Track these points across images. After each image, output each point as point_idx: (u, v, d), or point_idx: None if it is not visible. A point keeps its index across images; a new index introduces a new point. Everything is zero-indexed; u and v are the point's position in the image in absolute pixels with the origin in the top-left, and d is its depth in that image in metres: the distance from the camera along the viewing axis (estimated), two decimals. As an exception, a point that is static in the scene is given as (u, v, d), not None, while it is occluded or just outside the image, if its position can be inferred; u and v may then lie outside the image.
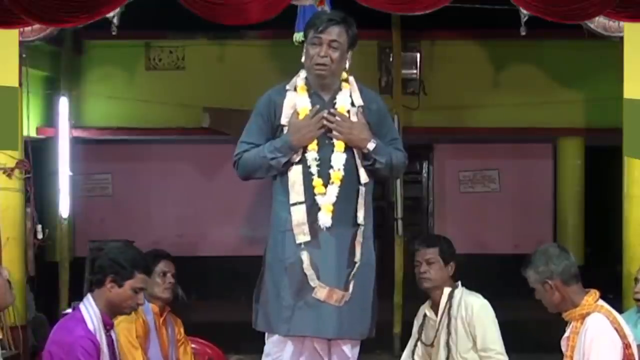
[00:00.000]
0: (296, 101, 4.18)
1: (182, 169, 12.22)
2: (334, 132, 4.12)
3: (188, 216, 12.13)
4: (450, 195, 12.51)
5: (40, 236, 7.28)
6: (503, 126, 11.01)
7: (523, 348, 6.58)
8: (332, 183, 4.12)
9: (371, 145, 4.13)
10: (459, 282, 4.94)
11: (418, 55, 10.59)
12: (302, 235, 4.09)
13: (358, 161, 4.16)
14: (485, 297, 4.93)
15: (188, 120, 10.92)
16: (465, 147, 12.32)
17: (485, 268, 10.88)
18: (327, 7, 6.34)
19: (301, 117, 4.14)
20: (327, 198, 4.11)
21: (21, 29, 6.22)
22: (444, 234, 5.57)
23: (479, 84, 10.98)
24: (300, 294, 4.08)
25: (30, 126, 7.47)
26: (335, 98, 4.20)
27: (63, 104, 10.33)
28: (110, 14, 6.05)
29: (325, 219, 4.09)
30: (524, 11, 6.03)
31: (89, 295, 4.26)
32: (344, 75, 4.26)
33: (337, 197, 4.11)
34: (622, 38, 6.16)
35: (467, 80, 10.91)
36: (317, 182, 4.12)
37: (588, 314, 3.99)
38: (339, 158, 4.14)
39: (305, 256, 4.08)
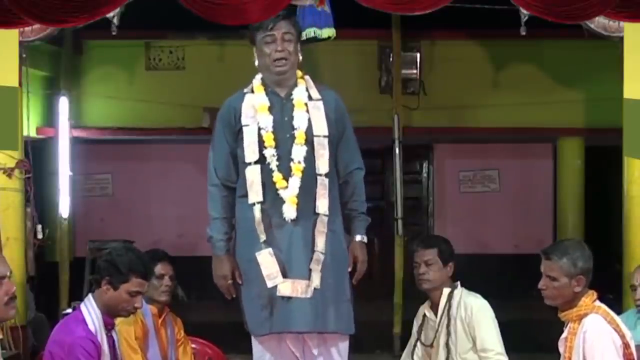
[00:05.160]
0: (254, 100, 4.23)
1: (182, 169, 12.21)
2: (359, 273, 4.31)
3: (188, 216, 12.10)
4: (450, 195, 12.51)
5: (40, 236, 7.28)
6: (503, 126, 11.01)
7: (523, 348, 6.58)
8: (293, 175, 4.16)
9: (365, 239, 4.34)
10: (458, 283, 4.94)
11: (418, 55, 10.57)
12: (263, 234, 4.13)
13: (316, 153, 4.19)
14: (485, 297, 4.93)
15: (188, 120, 10.91)
16: (465, 147, 12.32)
17: (485, 268, 10.88)
18: (327, 7, 6.34)
19: (259, 112, 4.20)
20: (289, 191, 4.16)
21: (21, 29, 6.21)
22: (444, 234, 5.57)
23: (479, 84, 10.98)
24: (268, 292, 4.12)
25: (30, 126, 7.47)
26: (291, 94, 4.27)
27: (63, 104, 10.33)
28: (110, 14, 6.04)
29: (290, 211, 4.14)
30: (524, 11, 6.03)
31: (90, 296, 4.25)
32: (299, 73, 4.33)
33: (299, 188, 4.14)
34: (622, 38, 6.15)
35: (467, 80, 10.90)
36: (277, 177, 4.17)
37: (585, 314, 3.97)
38: (299, 151, 4.19)
39: (268, 254, 4.09)
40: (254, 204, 4.16)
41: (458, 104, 10.88)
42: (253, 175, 4.17)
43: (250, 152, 4.18)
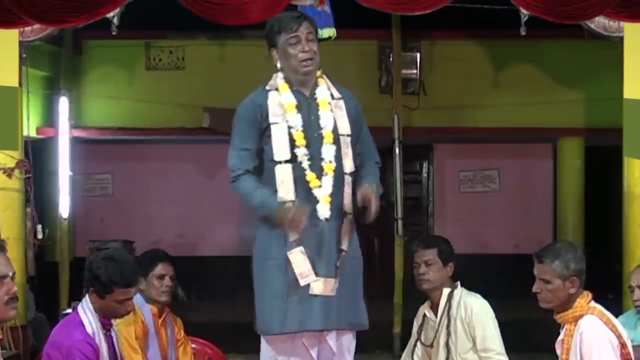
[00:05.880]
0: (280, 98, 4.21)
1: (182, 169, 12.22)
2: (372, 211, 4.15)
3: (188, 216, 12.13)
4: (450, 195, 12.52)
5: (40, 236, 7.29)
6: (503, 126, 11.02)
7: (523, 348, 6.58)
8: (326, 174, 4.15)
9: (378, 191, 4.22)
10: (458, 283, 4.94)
11: (418, 55, 10.59)
12: (293, 234, 4.10)
13: (343, 152, 4.20)
14: (485, 297, 4.92)
15: (188, 120, 10.92)
16: (465, 147, 12.32)
17: (485, 268, 10.88)
18: (327, 7, 6.34)
19: (288, 110, 4.17)
20: (324, 190, 4.13)
21: (21, 29, 6.22)
22: (444, 234, 5.56)
23: (479, 84, 10.98)
24: (295, 291, 4.09)
25: (30, 126, 7.48)
26: (315, 93, 4.26)
27: (63, 104, 10.34)
28: (110, 14, 6.05)
29: (325, 210, 4.12)
30: (524, 11, 6.04)
31: (87, 297, 4.24)
32: (318, 72, 4.32)
33: (332, 187, 4.14)
34: (622, 38, 6.16)
35: (467, 80, 10.91)
36: (310, 176, 4.13)
37: (581, 316, 3.97)
38: (329, 150, 4.17)
39: (299, 253, 4.09)
40: (284, 203, 4.14)
41: (458, 104, 10.88)
42: (284, 174, 4.13)
43: (281, 151, 4.14)
